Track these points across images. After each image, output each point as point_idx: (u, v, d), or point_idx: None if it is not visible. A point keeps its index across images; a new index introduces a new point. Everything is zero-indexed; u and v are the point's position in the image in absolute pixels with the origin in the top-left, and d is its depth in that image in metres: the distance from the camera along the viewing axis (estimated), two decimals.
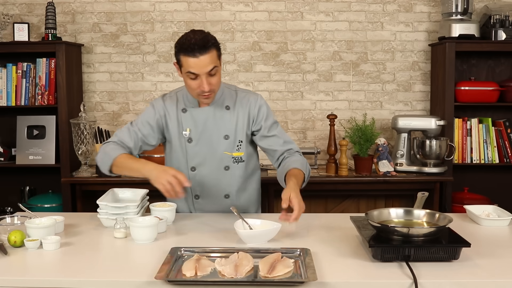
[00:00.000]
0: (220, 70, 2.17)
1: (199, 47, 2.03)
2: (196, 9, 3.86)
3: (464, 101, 3.63)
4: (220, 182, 2.29)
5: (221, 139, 2.25)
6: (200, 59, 2.04)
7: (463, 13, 3.60)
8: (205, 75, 2.08)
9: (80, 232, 2.07)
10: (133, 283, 1.57)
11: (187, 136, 2.25)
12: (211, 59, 2.06)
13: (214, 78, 2.11)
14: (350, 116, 3.90)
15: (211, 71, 2.08)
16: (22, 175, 3.87)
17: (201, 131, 2.25)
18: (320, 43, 3.88)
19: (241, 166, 2.30)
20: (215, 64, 2.09)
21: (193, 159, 2.27)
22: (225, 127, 2.25)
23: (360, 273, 1.64)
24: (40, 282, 1.60)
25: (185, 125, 2.25)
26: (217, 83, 2.15)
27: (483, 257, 1.75)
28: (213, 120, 2.24)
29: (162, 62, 3.89)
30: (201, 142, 2.25)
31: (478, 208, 2.28)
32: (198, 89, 2.11)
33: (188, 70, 2.08)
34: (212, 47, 2.08)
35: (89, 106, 3.89)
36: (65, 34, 3.85)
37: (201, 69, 2.06)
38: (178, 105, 2.27)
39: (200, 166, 2.27)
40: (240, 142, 2.27)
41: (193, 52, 2.04)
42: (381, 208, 1.96)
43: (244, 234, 1.90)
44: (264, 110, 2.29)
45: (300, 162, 2.22)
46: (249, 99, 2.28)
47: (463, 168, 3.74)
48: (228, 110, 2.26)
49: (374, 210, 1.90)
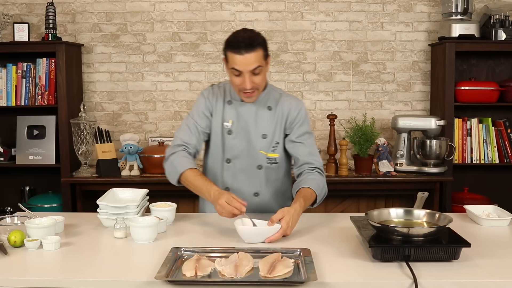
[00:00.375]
0: (266, 70, 2.19)
1: (245, 45, 2.07)
2: (196, 9, 3.86)
3: (464, 101, 3.63)
4: (252, 179, 2.31)
5: (259, 137, 2.28)
6: (245, 56, 2.08)
7: (463, 13, 3.60)
8: (248, 73, 2.11)
9: (80, 232, 2.07)
10: (133, 283, 1.57)
11: (228, 128, 2.28)
12: (256, 58, 2.09)
13: (257, 77, 2.14)
14: (350, 116, 3.90)
15: (254, 69, 2.11)
16: (22, 175, 3.87)
17: (241, 126, 2.28)
18: (320, 43, 3.88)
19: (274, 167, 2.32)
20: (260, 64, 2.11)
21: (230, 152, 2.29)
22: (264, 126, 2.28)
23: (360, 273, 1.64)
24: (40, 282, 1.60)
25: (228, 116, 2.29)
26: (261, 82, 2.17)
27: (483, 257, 1.75)
28: (255, 117, 2.28)
29: (162, 62, 3.90)
30: (239, 136, 2.28)
31: (478, 208, 2.28)
32: (240, 86, 2.15)
33: (233, 66, 2.12)
34: (258, 46, 2.10)
35: (89, 106, 3.89)
36: (65, 34, 3.85)
37: (245, 67, 2.10)
38: (225, 96, 2.31)
39: (235, 160, 2.29)
40: (276, 144, 2.30)
41: (239, 49, 2.08)
42: (381, 208, 1.96)
43: (243, 231, 1.90)
44: (302, 116, 2.30)
45: (316, 182, 2.18)
46: (291, 103, 2.31)
47: (463, 168, 3.74)
48: (269, 110, 2.29)
49: (374, 210, 1.90)
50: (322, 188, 2.20)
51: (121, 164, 3.53)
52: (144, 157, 3.50)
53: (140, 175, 3.50)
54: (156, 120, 3.94)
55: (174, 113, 3.93)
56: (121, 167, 3.53)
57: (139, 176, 3.48)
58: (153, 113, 3.93)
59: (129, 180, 3.42)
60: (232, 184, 2.32)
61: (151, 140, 3.77)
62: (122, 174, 3.49)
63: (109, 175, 3.44)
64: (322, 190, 2.21)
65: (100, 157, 3.45)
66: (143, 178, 3.44)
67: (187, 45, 3.88)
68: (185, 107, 3.92)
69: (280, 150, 2.31)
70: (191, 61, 3.89)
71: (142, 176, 3.48)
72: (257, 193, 2.33)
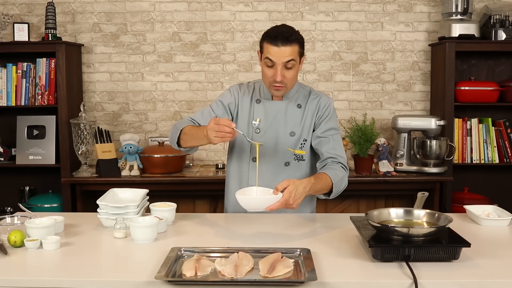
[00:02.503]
0: (299, 67, 2.21)
1: (282, 37, 2.10)
2: (196, 9, 3.86)
3: (464, 101, 3.63)
4: (279, 177, 2.30)
5: (287, 134, 2.28)
6: (281, 48, 2.11)
7: (463, 13, 3.60)
8: (281, 64, 2.13)
9: (80, 232, 2.07)
10: (133, 283, 1.57)
11: (255, 126, 2.29)
12: (291, 51, 2.12)
13: (289, 72, 2.16)
14: (350, 116, 3.90)
15: (288, 62, 2.13)
16: (22, 175, 3.87)
17: (269, 123, 2.28)
18: (320, 43, 3.88)
19: (302, 164, 2.31)
20: (294, 58, 2.13)
21: (256, 150, 2.26)
22: (292, 124, 2.29)
23: (360, 273, 1.64)
24: (40, 282, 1.60)
25: (256, 115, 2.30)
26: (292, 78, 2.18)
27: (483, 257, 1.75)
28: (284, 115, 2.28)
29: (162, 62, 3.90)
30: (267, 134, 2.29)
31: (478, 208, 2.28)
32: (271, 78, 2.16)
33: (267, 56, 2.13)
34: (295, 41, 2.13)
35: (89, 106, 3.89)
36: (65, 34, 3.85)
37: (278, 58, 2.12)
38: (253, 95, 2.33)
39: (261, 158, 2.28)
40: (304, 141, 2.30)
41: (275, 40, 2.11)
42: (381, 208, 1.95)
43: (244, 200, 1.89)
44: (330, 112, 2.30)
45: (335, 172, 2.15)
46: (320, 99, 2.32)
47: (463, 168, 3.74)
48: (299, 108, 2.30)
49: (374, 210, 1.90)
50: (340, 179, 2.15)
51: (121, 164, 3.53)
52: (144, 157, 3.50)
53: (140, 175, 3.50)
54: (156, 120, 3.94)
55: (174, 113, 3.93)
56: (121, 167, 3.53)
57: (139, 176, 3.48)
58: (153, 113, 3.93)
59: (129, 180, 3.42)
60: (258, 183, 2.31)
61: (151, 140, 3.77)
62: (122, 174, 3.49)
63: (109, 175, 3.44)
64: (341, 182, 2.15)
65: (100, 157, 3.46)
66: (143, 178, 3.44)
67: (187, 45, 3.88)
68: (185, 107, 3.92)
69: (307, 147, 2.31)
70: (191, 61, 3.89)
71: (142, 176, 3.48)
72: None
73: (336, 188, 2.13)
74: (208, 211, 3.73)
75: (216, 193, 3.59)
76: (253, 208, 1.90)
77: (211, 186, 3.47)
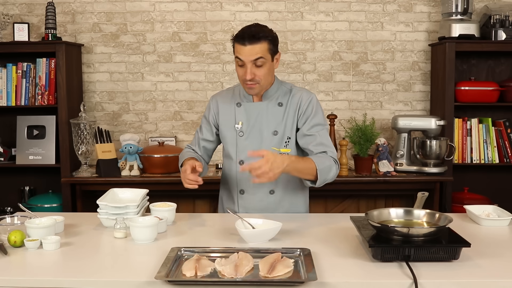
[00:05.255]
0: (272, 66, 2.24)
1: (248, 36, 2.16)
2: (196, 9, 3.86)
3: (464, 101, 3.63)
4: None
5: (270, 134, 2.30)
6: (248, 47, 2.16)
7: (463, 13, 3.60)
8: (250, 63, 2.18)
9: (80, 232, 2.07)
10: (133, 283, 1.57)
11: (238, 129, 2.32)
12: (259, 49, 2.16)
13: (260, 70, 2.19)
14: (350, 116, 3.90)
15: (256, 60, 2.17)
16: (22, 175, 3.86)
17: (252, 125, 2.31)
18: (320, 43, 3.88)
19: None
20: (262, 56, 2.17)
21: (242, 153, 2.32)
22: (275, 122, 2.30)
23: (360, 273, 1.64)
24: (40, 282, 1.60)
25: (238, 118, 2.33)
26: (264, 75, 2.21)
27: (483, 257, 1.75)
28: (265, 115, 2.30)
29: (162, 62, 3.90)
30: (251, 136, 2.31)
31: (478, 208, 2.28)
32: (243, 76, 2.21)
33: (236, 56, 2.21)
34: (263, 39, 2.17)
35: (89, 106, 3.89)
36: (65, 34, 3.85)
37: (246, 57, 2.17)
38: (233, 99, 2.37)
39: (248, 160, 2.28)
40: (288, 139, 2.31)
41: (243, 39, 2.17)
42: (381, 208, 1.96)
43: (246, 233, 1.91)
44: (313, 107, 2.30)
45: (321, 160, 2.14)
46: (302, 95, 2.33)
47: (463, 168, 3.74)
48: (280, 106, 2.32)
49: (374, 210, 1.90)
50: (327, 168, 2.14)
51: (121, 164, 3.53)
52: (144, 157, 3.50)
53: (140, 175, 3.50)
54: (156, 120, 3.94)
55: (174, 113, 3.93)
56: (121, 167, 3.53)
57: (139, 176, 3.48)
58: (153, 113, 3.93)
59: (129, 180, 3.42)
60: (247, 186, 2.34)
61: (151, 140, 3.77)
62: (122, 174, 3.49)
63: (109, 175, 3.44)
64: (327, 171, 2.14)
65: (100, 157, 3.46)
66: (143, 178, 3.44)
67: (187, 45, 3.88)
68: (185, 107, 3.92)
69: (292, 145, 2.32)
70: (191, 61, 3.89)
71: (142, 176, 3.48)
72: (272, 190, 2.35)
73: (322, 175, 2.12)
74: (208, 211, 3.72)
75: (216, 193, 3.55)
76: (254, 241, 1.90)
77: (211, 186, 3.45)
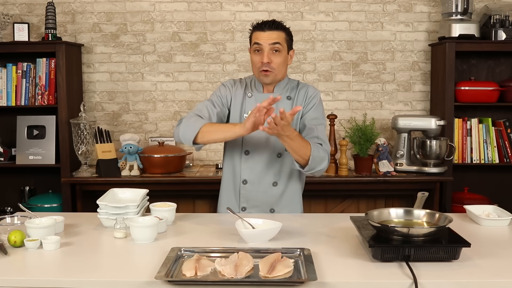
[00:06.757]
0: (286, 57, 2.31)
1: (268, 24, 2.28)
2: (196, 9, 3.86)
3: (464, 101, 3.63)
4: (271, 169, 2.35)
5: None
6: (267, 32, 2.26)
7: (463, 13, 3.60)
8: (268, 47, 2.25)
9: (80, 232, 2.07)
10: (133, 283, 1.57)
11: None
12: (277, 36, 2.26)
13: (276, 57, 2.27)
14: (350, 116, 3.90)
15: (274, 45, 2.25)
16: (22, 175, 3.86)
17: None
18: (320, 43, 3.88)
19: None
20: (280, 42, 2.26)
21: (248, 143, 2.34)
22: None
23: (360, 273, 1.64)
24: (40, 282, 1.60)
25: (247, 108, 2.36)
26: (279, 64, 2.28)
27: (483, 257, 1.75)
28: (275, 107, 2.29)
29: (162, 62, 3.90)
30: None
31: (478, 208, 2.28)
32: (259, 62, 2.27)
33: (255, 42, 2.28)
34: (281, 28, 2.29)
35: (89, 106, 3.89)
36: (65, 34, 3.85)
37: (265, 41, 2.25)
38: (245, 90, 2.40)
39: (254, 151, 2.34)
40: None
41: (262, 26, 2.28)
42: (381, 208, 1.96)
43: (246, 233, 1.91)
44: (316, 101, 2.36)
45: (317, 149, 2.16)
46: (308, 89, 2.39)
47: (463, 168, 3.74)
48: (289, 100, 2.36)
49: (374, 210, 1.90)
50: (320, 158, 2.17)
51: (121, 164, 3.53)
52: (144, 157, 3.50)
53: (140, 175, 3.49)
54: (156, 120, 3.94)
55: (174, 113, 3.93)
56: (121, 167, 3.53)
57: (139, 176, 3.48)
58: (153, 113, 3.93)
59: (129, 180, 3.42)
60: (250, 176, 2.36)
61: (151, 140, 3.77)
62: (122, 174, 3.48)
63: (109, 175, 3.44)
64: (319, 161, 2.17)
65: (100, 157, 3.45)
66: (143, 178, 3.44)
67: (187, 45, 3.88)
68: (185, 107, 3.92)
69: None
70: (191, 61, 3.89)
71: (142, 176, 3.48)
72: (275, 182, 2.36)
73: (312, 162, 2.15)
74: (208, 211, 3.72)
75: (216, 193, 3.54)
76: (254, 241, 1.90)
77: (211, 186, 3.46)
